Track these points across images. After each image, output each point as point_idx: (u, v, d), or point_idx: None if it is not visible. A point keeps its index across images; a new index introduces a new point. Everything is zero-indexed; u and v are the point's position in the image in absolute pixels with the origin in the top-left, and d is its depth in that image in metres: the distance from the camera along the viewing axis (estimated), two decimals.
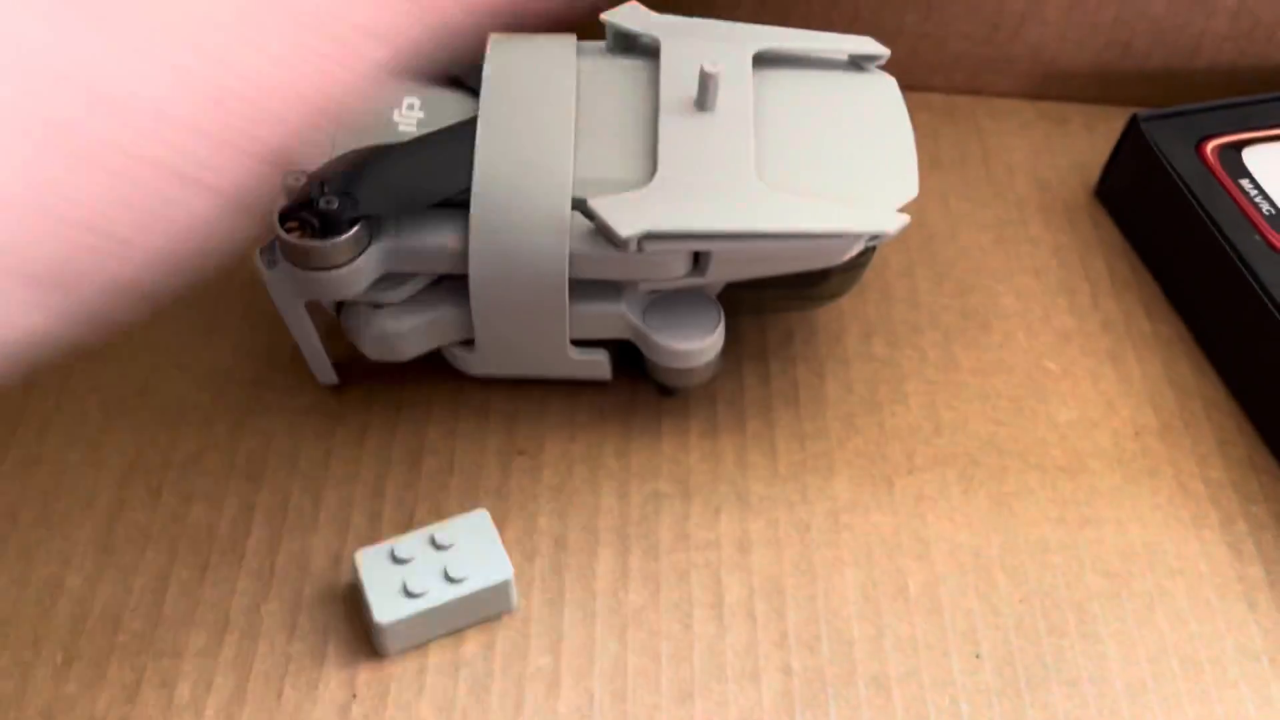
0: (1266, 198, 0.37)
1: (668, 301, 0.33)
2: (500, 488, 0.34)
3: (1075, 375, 0.37)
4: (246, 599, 0.31)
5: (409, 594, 0.29)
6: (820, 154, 0.32)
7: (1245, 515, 0.34)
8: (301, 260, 0.29)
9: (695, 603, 0.31)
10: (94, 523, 0.32)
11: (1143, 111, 0.40)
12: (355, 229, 0.29)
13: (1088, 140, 0.44)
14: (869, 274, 0.39)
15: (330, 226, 0.29)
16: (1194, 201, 0.38)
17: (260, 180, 0.15)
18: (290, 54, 0.15)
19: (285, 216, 0.30)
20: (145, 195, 0.15)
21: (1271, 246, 0.36)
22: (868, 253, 0.33)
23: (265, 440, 0.34)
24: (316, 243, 0.29)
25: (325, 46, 0.15)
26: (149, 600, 0.31)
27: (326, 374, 0.34)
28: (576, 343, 0.33)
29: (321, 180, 0.29)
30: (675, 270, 0.31)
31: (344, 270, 0.29)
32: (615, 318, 0.33)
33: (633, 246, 0.29)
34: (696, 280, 0.32)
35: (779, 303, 0.35)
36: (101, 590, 0.31)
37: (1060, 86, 0.45)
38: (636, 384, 0.36)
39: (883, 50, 0.34)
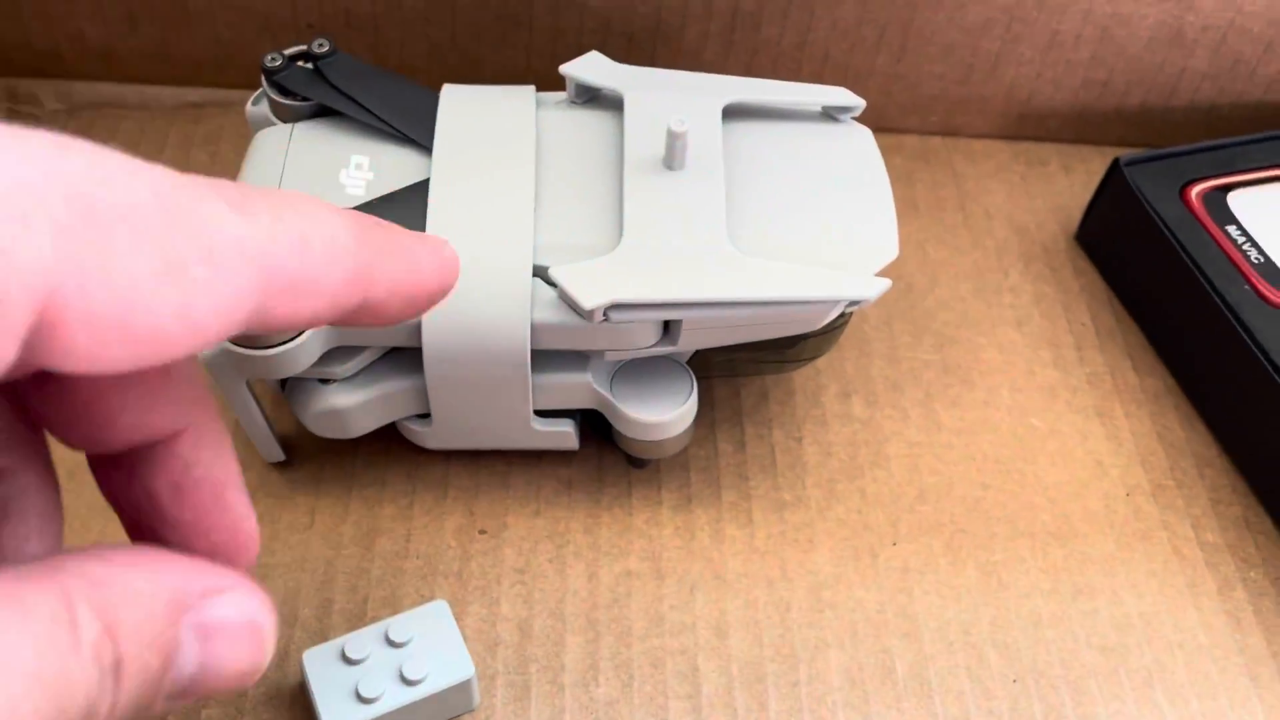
0: (1255, 245, 0.36)
1: (636, 369, 0.31)
2: (460, 570, 0.31)
3: (1062, 433, 0.36)
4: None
5: (362, 699, 0.27)
6: (795, 213, 0.30)
7: (1243, 581, 0.33)
8: (241, 338, 0.27)
9: (671, 694, 0.29)
10: None
11: (1125, 155, 0.38)
12: None
13: (1066, 182, 0.43)
14: (845, 330, 0.37)
15: None
16: (1180, 249, 0.36)
17: None
18: None
19: None
20: None
21: (1261, 297, 0.35)
22: (845, 316, 0.31)
23: None
24: None
25: None
26: None
27: (272, 451, 0.32)
28: (540, 413, 0.31)
29: None
30: (644, 340, 0.29)
31: (286, 348, 0.27)
32: (581, 388, 0.31)
33: (599, 317, 0.28)
34: (666, 349, 0.30)
35: (752, 366, 0.34)
36: None
37: (1037, 127, 0.44)
38: (604, 452, 0.34)
39: (858, 101, 0.32)
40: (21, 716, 0.13)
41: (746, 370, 0.34)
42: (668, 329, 0.29)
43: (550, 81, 0.33)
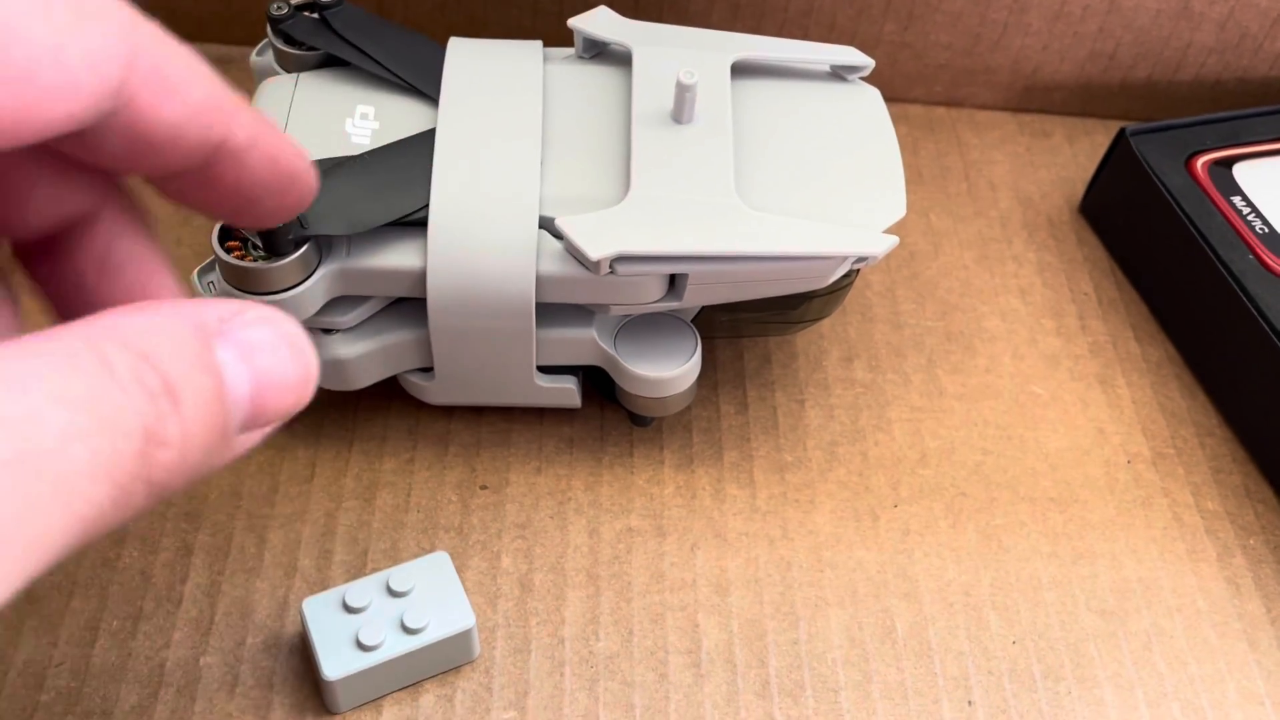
0: (1260, 215, 0.36)
1: (641, 326, 0.31)
2: (461, 525, 0.31)
3: (1064, 401, 0.36)
4: (183, 651, 0.28)
5: (362, 646, 0.27)
6: (802, 170, 0.30)
7: (1242, 548, 0.33)
8: (243, 283, 0.27)
9: (671, 649, 0.29)
10: None
11: (1131, 125, 0.38)
12: (303, 250, 0.27)
13: (1070, 154, 0.43)
14: (849, 294, 0.37)
15: (274, 247, 0.27)
16: (1185, 219, 0.36)
17: None
18: None
19: (225, 235, 0.27)
20: None
21: (1265, 267, 0.35)
22: (851, 275, 0.31)
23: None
24: (260, 265, 0.27)
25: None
26: (75, 654, 0.28)
27: None
28: (543, 369, 0.31)
29: None
30: (649, 294, 0.29)
31: (290, 294, 0.27)
32: (585, 343, 0.30)
33: (604, 269, 0.27)
34: (671, 304, 0.30)
35: (756, 326, 0.33)
36: (23, 643, 0.28)
37: (1042, 98, 0.44)
38: (607, 411, 0.34)
39: (867, 61, 0.32)
40: (51, 427, 0.13)
41: (751, 331, 0.34)
42: (673, 284, 0.29)
43: (555, 42, 0.33)
